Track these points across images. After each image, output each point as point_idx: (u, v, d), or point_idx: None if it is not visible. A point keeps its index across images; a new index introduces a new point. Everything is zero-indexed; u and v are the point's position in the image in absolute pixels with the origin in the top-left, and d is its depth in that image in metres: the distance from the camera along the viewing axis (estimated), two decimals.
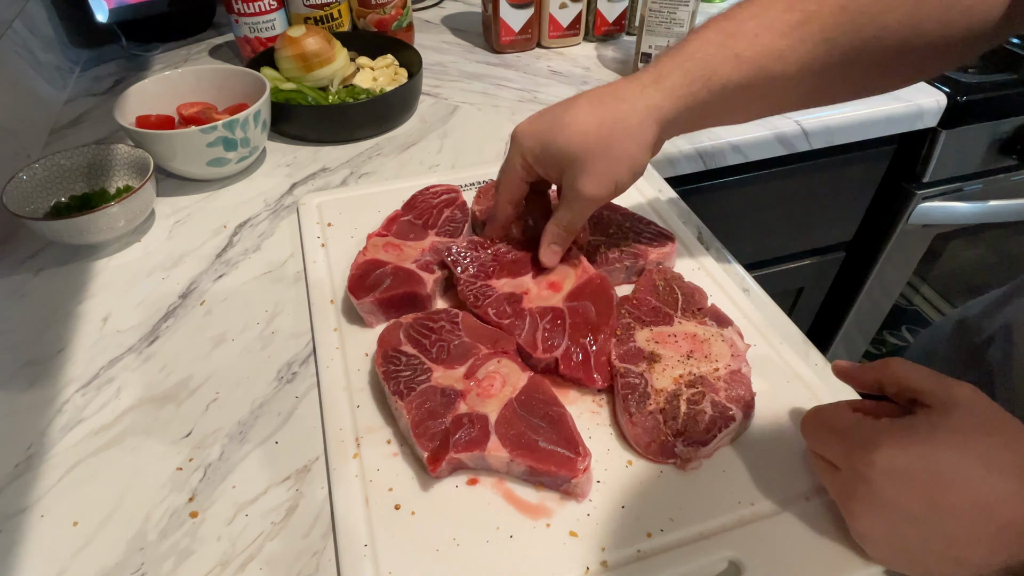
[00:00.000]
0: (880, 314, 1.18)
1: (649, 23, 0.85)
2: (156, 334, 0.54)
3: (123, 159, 0.66)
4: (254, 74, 0.73)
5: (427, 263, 0.55)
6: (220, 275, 0.60)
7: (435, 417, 0.43)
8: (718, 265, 0.59)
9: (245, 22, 0.87)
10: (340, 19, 0.93)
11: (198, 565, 0.40)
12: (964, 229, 1.08)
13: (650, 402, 0.44)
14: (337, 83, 0.83)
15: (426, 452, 0.41)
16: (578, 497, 0.42)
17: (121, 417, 0.48)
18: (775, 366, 0.50)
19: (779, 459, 0.44)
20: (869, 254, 1.07)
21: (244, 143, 0.68)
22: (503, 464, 0.42)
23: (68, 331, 0.55)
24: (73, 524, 0.42)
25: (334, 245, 0.61)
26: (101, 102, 0.86)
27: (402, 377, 0.46)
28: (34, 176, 0.62)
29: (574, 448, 0.42)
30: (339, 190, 0.69)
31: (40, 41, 0.87)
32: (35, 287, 0.59)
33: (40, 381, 0.51)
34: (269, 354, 0.53)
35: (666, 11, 0.84)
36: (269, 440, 0.46)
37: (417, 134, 0.80)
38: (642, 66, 0.86)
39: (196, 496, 0.43)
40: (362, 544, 0.39)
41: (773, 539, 0.40)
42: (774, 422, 0.46)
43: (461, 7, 1.15)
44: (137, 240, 0.64)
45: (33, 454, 0.46)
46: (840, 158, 0.90)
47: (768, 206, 0.94)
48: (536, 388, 0.45)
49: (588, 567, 0.38)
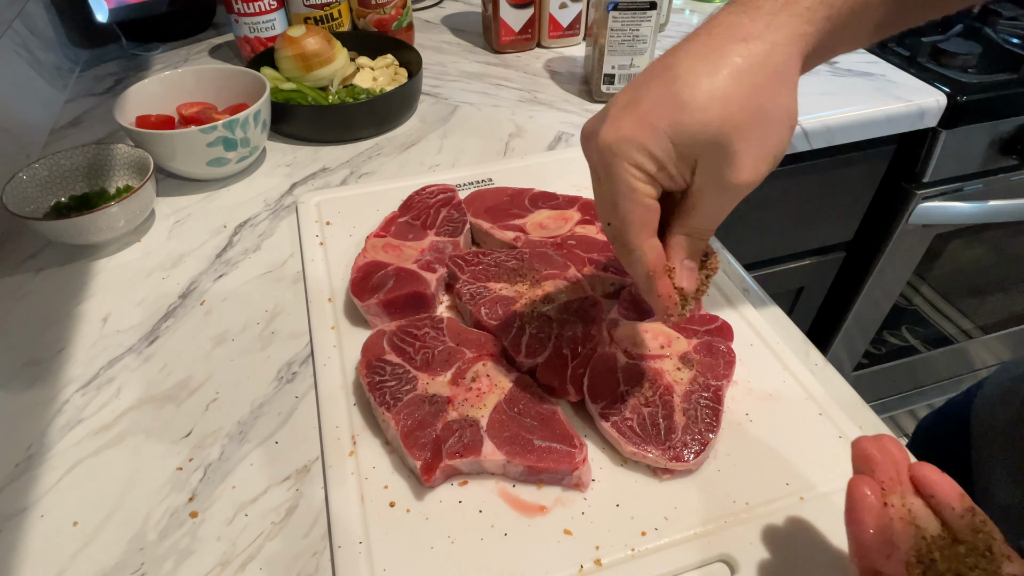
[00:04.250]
0: (880, 314, 1.18)
1: (611, 43, 0.79)
2: (156, 334, 0.55)
3: (123, 159, 0.66)
4: (254, 74, 0.73)
5: (428, 263, 0.55)
6: (220, 275, 0.60)
7: (424, 426, 0.43)
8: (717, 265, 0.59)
9: (245, 22, 0.87)
10: (340, 19, 0.93)
11: (198, 565, 0.40)
12: (964, 229, 1.08)
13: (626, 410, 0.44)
14: (337, 83, 0.83)
15: (419, 462, 0.41)
16: (581, 488, 0.42)
17: (121, 417, 0.48)
18: (774, 366, 0.50)
19: (774, 459, 0.44)
20: (869, 254, 1.07)
21: (244, 143, 0.68)
22: (499, 467, 0.42)
23: (68, 331, 0.55)
24: (73, 524, 0.42)
25: (332, 244, 0.62)
26: (101, 102, 0.86)
27: (387, 387, 0.46)
28: (34, 176, 0.63)
29: (569, 442, 0.42)
30: (338, 189, 0.70)
31: (40, 41, 0.87)
32: (35, 287, 0.59)
33: (40, 381, 0.51)
34: (269, 354, 0.53)
35: (628, 29, 0.78)
36: (269, 440, 0.47)
37: (417, 134, 0.80)
38: (606, 89, 0.84)
39: (196, 496, 0.43)
40: (357, 541, 0.40)
41: (767, 538, 0.40)
42: (771, 422, 0.46)
43: (461, 7, 1.15)
44: (137, 240, 0.64)
45: (33, 454, 0.46)
46: (840, 158, 0.90)
47: (768, 206, 0.94)
48: (524, 388, 0.46)
49: (582, 565, 0.38)
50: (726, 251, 0.62)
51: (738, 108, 0.32)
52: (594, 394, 0.45)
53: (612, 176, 0.34)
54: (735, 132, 0.32)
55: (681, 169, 0.34)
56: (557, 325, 0.50)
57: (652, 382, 0.46)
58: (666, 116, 0.32)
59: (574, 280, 0.54)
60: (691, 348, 0.49)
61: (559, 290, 0.53)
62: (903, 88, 0.88)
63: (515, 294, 0.53)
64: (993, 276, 1.26)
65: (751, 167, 0.33)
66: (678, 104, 0.32)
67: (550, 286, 0.53)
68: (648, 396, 0.45)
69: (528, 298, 0.53)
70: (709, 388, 0.46)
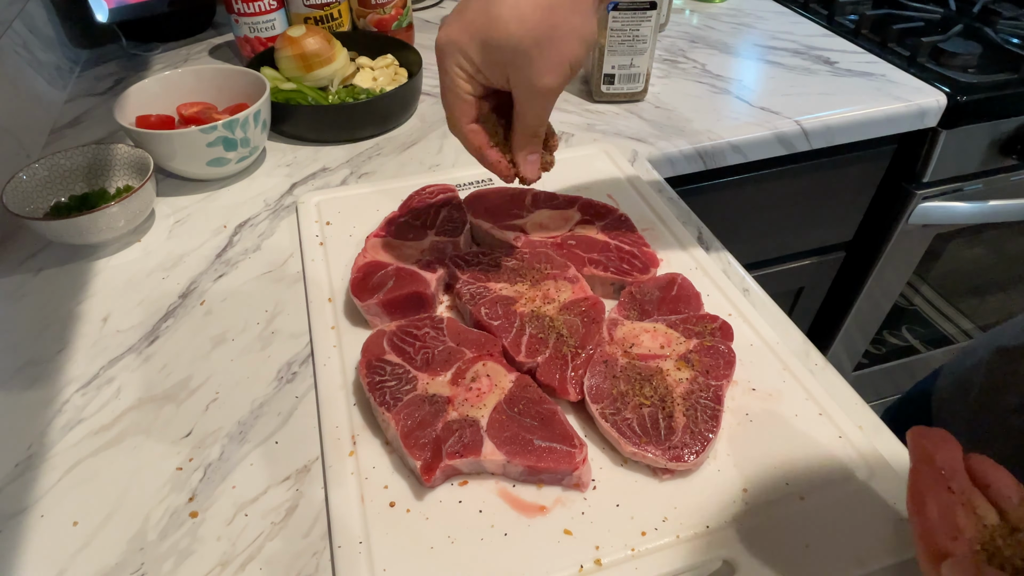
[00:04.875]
0: (880, 314, 1.18)
1: (611, 43, 0.79)
2: (156, 334, 0.55)
3: (123, 159, 0.67)
4: (254, 74, 0.73)
5: (428, 263, 0.55)
6: (220, 275, 0.60)
7: (424, 426, 0.43)
8: (717, 265, 0.60)
9: (245, 22, 0.87)
10: (340, 19, 0.93)
11: (198, 565, 0.40)
12: (964, 229, 1.08)
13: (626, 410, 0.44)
14: (337, 83, 0.83)
15: (419, 462, 0.41)
16: (581, 488, 0.42)
17: (121, 417, 0.48)
18: (774, 366, 0.50)
19: (774, 459, 0.44)
20: (869, 254, 1.07)
21: (244, 143, 0.68)
22: (499, 467, 0.42)
23: (68, 331, 0.55)
24: (73, 524, 0.42)
25: (332, 244, 0.62)
26: (101, 102, 0.86)
27: (388, 387, 0.46)
28: (34, 176, 0.63)
29: (569, 442, 0.42)
30: (338, 189, 0.70)
31: (40, 41, 0.87)
32: (35, 287, 0.59)
33: (40, 381, 0.51)
34: (269, 354, 0.53)
35: (628, 29, 0.78)
36: (269, 440, 0.47)
37: (417, 134, 0.80)
38: (605, 89, 0.84)
39: (196, 496, 0.43)
40: (357, 541, 0.40)
41: (767, 538, 0.40)
42: (771, 422, 0.46)
43: None
44: (137, 240, 0.64)
45: (33, 454, 0.46)
46: (840, 158, 0.90)
47: (768, 206, 0.94)
48: (524, 388, 0.46)
49: (582, 565, 0.38)
50: (726, 251, 0.62)
51: (535, 24, 0.40)
52: (594, 394, 0.45)
53: (442, 70, 0.44)
54: (532, 44, 0.40)
55: (495, 72, 0.43)
56: (557, 325, 0.50)
57: (652, 382, 0.46)
58: (480, 27, 0.41)
59: (574, 280, 0.54)
60: (691, 348, 0.49)
61: (559, 290, 0.53)
62: (903, 88, 0.88)
63: (515, 294, 0.53)
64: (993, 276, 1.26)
65: (550, 73, 0.41)
66: (490, 18, 0.40)
67: (550, 286, 0.53)
68: (648, 396, 0.45)
69: (528, 298, 0.53)
70: (709, 388, 0.46)
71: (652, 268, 0.57)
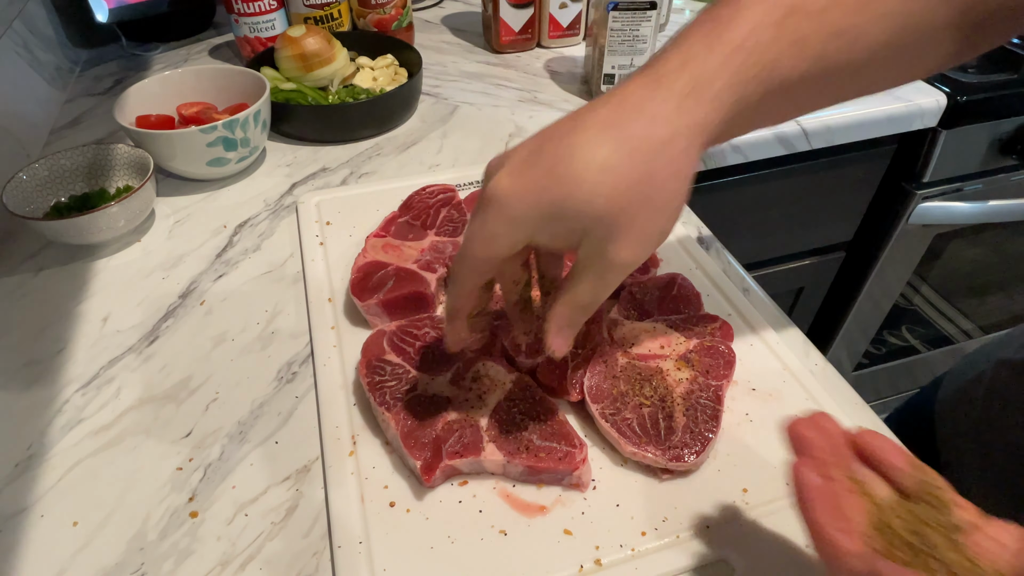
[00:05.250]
0: (880, 314, 1.18)
1: (611, 43, 0.80)
2: (156, 334, 0.55)
3: (123, 159, 0.66)
4: (254, 74, 0.73)
5: (428, 262, 0.55)
6: (220, 275, 0.60)
7: (424, 426, 0.43)
8: (717, 265, 0.60)
9: (245, 22, 0.87)
10: (340, 19, 0.93)
11: (198, 565, 0.40)
12: (964, 229, 1.08)
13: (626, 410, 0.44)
14: (337, 83, 0.83)
15: (419, 462, 0.41)
16: (581, 488, 0.42)
17: (121, 417, 0.48)
18: (774, 366, 0.50)
19: (774, 459, 0.44)
20: (869, 254, 1.07)
21: (244, 143, 0.68)
22: (499, 467, 0.42)
23: (68, 331, 0.55)
24: (73, 524, 0.42)
25: (332, 244, 0.62)
26: (101, 102, 0.86)
27: (387, 387, 0.46)
28: (34, 176, 0.63)
29: (570, 442, 0.42)
30: (338, 189, 0.70)
31: (40, 41, 0.87)
32: (35, 287, 0.59)
33: (40, 381, 0.51)
34: (269, 354, 0.53)
35: (628, 29, 0.78)
36: (269, 440, 0.47)
37: (417, 134, 0.80)
38: (605, 89, 0.83)
39: (196, 496, 0.43)
40: (357, 541, 0.40)
41: (767, 539, 0.40)
42: (770, 423, 0.46)
43: (461, 7, 1.15)
44: (137, 240, 0.64)
45: (33, 454, 0.46)
46: (840, 158, 0.90)
47: (768, 206, 0.94)
48: (524, 388, 0.46)
49: (582, 565, 0.38)
50: (726, 251, 0.62)
51: (626, 190, 0.32)
52: (594, 394, 0.45)
53: (480, 220, 0.34)
54: (620, 213, 0.32)
55: (560, 239, 0.34)
56: None
57: (652, 382, 0.46)
58: (559, 187, 0.32)
59: None
60: (691, 348, 0.49)
61: None
62: (903, 88, 0.88)
63: None
64: (993, 276, 1.26)
65: (632, 247, 0.33)
66: (571, 176, 0.32)
67: None
68: (648, 396, 0.45)
69: None
70: (709, 388, 0.46)
71: (652, 268, 0.57)
